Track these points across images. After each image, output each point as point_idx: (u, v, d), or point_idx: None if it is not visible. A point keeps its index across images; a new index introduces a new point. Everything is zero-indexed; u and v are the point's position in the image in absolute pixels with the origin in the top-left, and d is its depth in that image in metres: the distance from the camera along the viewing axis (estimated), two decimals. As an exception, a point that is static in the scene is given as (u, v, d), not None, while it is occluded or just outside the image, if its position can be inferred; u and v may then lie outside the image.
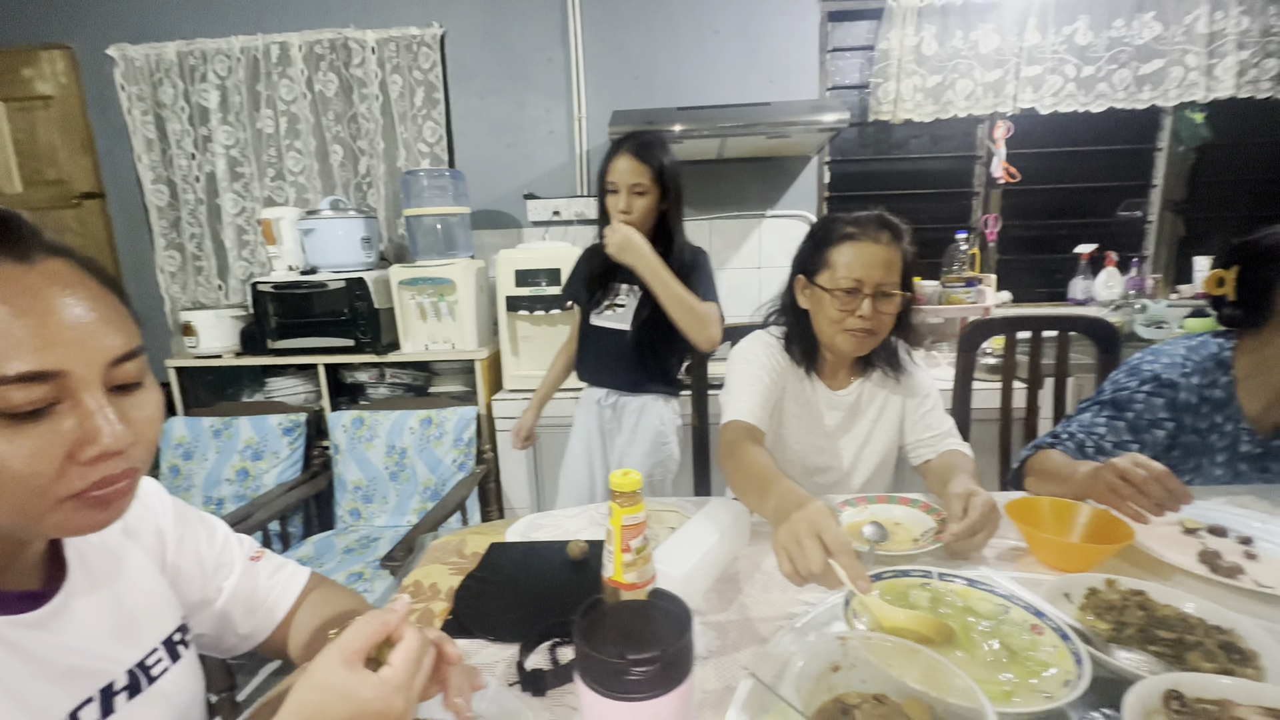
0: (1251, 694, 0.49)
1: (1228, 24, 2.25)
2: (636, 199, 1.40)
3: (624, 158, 1.39)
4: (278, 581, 0.68)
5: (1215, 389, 1.07)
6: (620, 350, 1.54)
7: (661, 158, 1.41)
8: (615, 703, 0.33)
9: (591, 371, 1.63)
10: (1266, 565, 0.80)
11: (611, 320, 1.55)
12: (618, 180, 1.39)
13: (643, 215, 1.42)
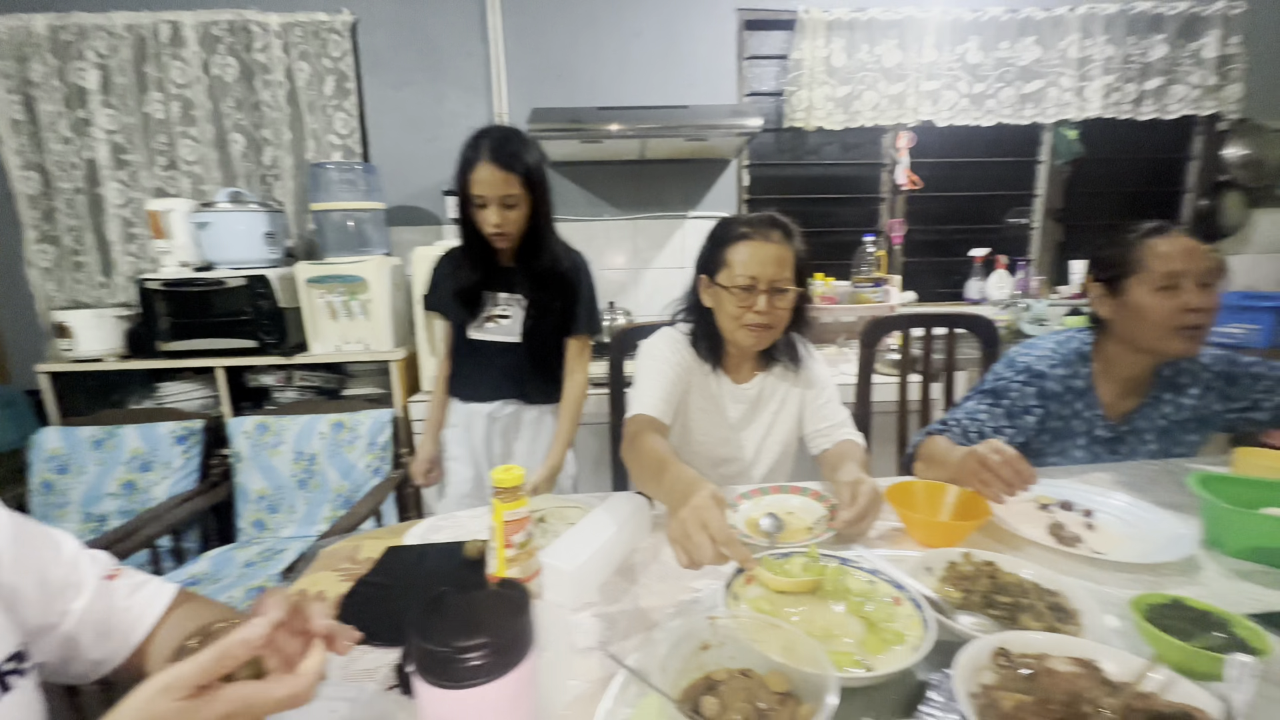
0: (1064, 646, 0.55)
1: (1095, 50, 2.49)
2: (509, 213, 1.29)
3: (486, 167, 1.24)
4: (137, 601, 0.64)
5: (1077, 379, 1.19)
6: (511, 364, 1.45)
7: (527, 159, 1.28)
8: (445, 691, 0.33)
9: (476, 388, 1.50)
10: (1102, 534, 0.90)
11: (496, 333, 1.44)
12: (485, 194, 1.26)
13: (519, 227, 1.33)
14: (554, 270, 1.40)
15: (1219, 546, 0.84)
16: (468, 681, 0.33)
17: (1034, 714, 0.47)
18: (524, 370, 1.46)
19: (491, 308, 1.43)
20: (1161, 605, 0.63)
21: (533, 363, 1.46)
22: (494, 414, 1.50)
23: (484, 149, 1.25)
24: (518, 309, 1.43)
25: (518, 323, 1.43)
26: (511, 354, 1.44)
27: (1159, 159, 2.75)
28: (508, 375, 1.46)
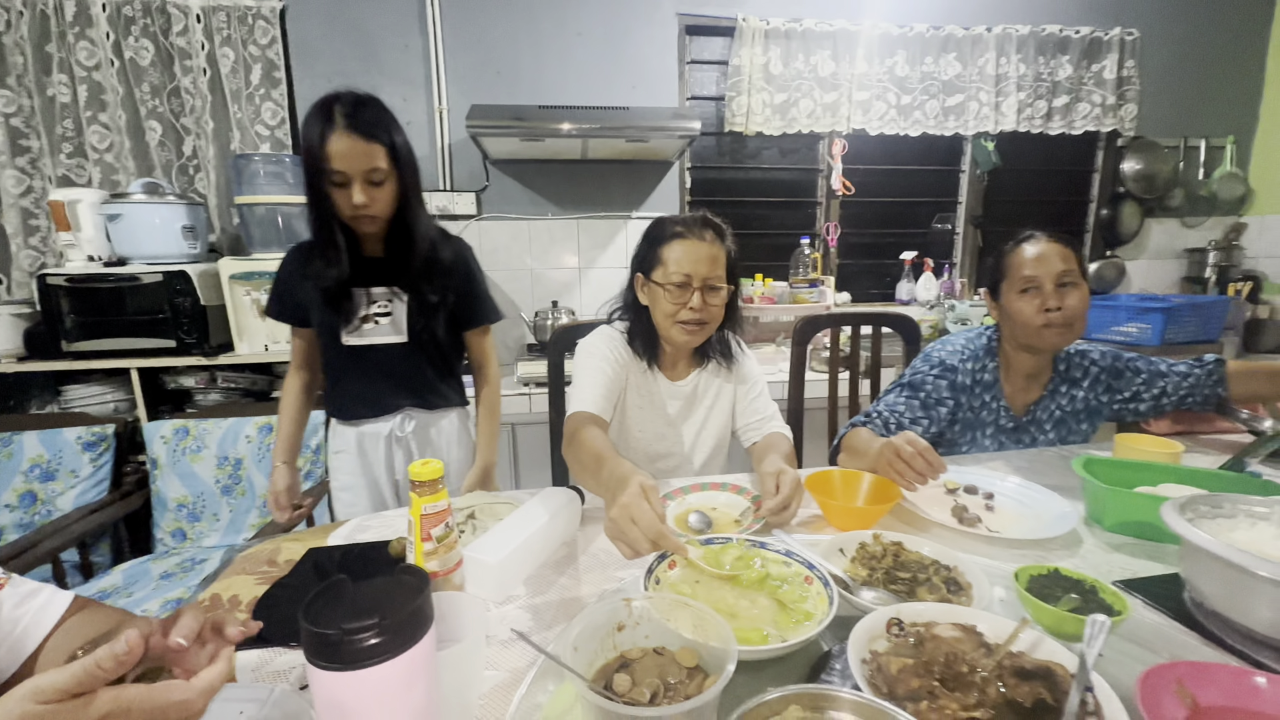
0: (949, 614, 0.60)
1: (1009, 68, 2.67)
2: (375, 190, 1.10)
3: (345, 136, 1.05)
4: (28, 610, 0.60)
5: (985, 373, 1.28)
6: (403, 368, 1.29)
7: (393, 130, 1.12)
8: (335, 674, 0.33)
9: (364, 403, 1.32)
10: (1000, 515, 0.97)
11: (377, 334, 1.26)
12: (347, 168, 1.07)
13: (387, 208, 1.14)
14: (434, 257, 1.24)
15: (1098, 522, 0.92)
16: (357, 663, 0.33)
17: (916, 675, 0.51)
18: (419, 373, 1.32)
19: (366, 306, 1.24)
20: (1041, 575, 0.69)
21: (429, 362, 1.32)
22: (396, 432, 1.33)
23: (339, 115, 1.05)
24: (399, 304, 1.25)
25: (402, 319, 1.26)
26: (400, 356, 1.28)
27: (1067, 171, 2.97)
28: (401, 382, 1.30)
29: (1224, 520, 0.75)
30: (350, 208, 1.10)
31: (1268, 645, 0.63)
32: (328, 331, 1.25)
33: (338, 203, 1.11)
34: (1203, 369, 1.25)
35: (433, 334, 1.29)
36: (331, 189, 1.10)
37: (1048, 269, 1.17)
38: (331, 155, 1.06)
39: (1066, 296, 1.16)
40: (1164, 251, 3.01)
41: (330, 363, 1.31)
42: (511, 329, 2.62)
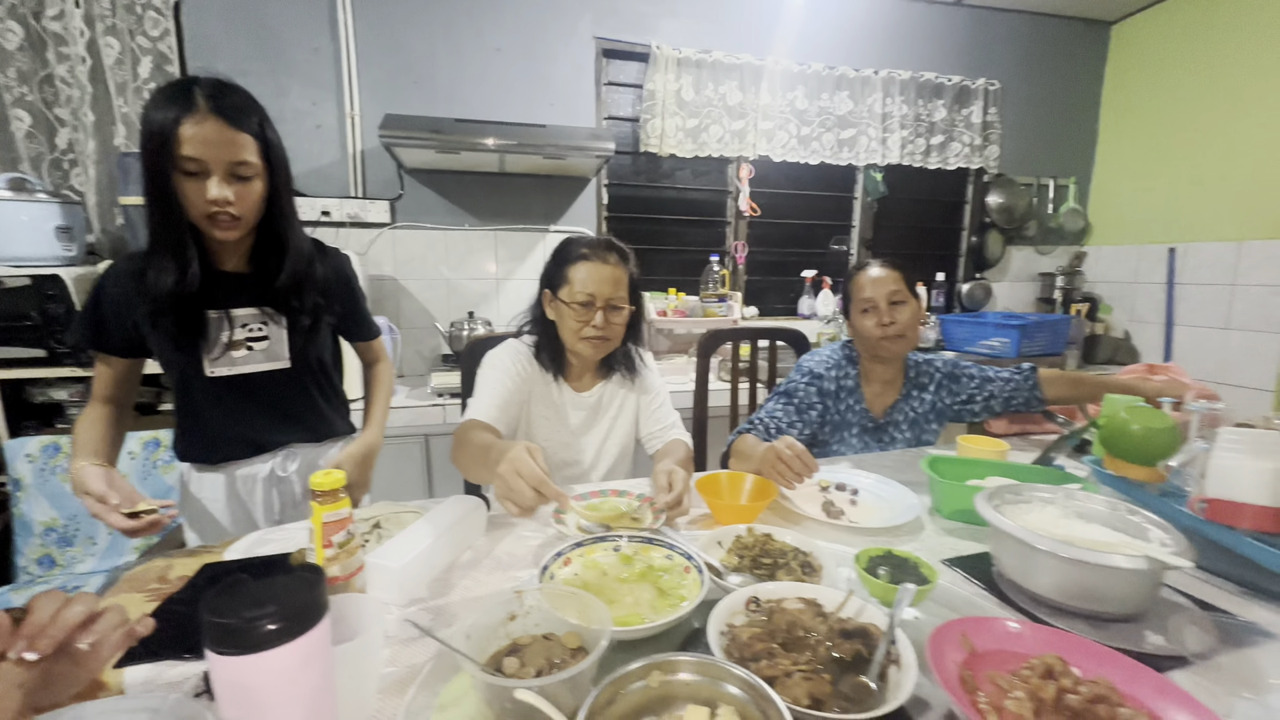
0: (797, 590, 0.71)
1: (894, 108, 2.97)
2: (242, 187, 0.95)
3: (205, 121, 0.89)
4: None
5: (847, 379, 1.44)
6: (285, 395, 1.15)
7: (265, 124, 0.98)
8: (232, 659, 0.37)
9: (237, 443, 1.14)
10: (862, 508, 1.11)
11: (252, 362, 1.09)
12: (206, 157, 0.91)
13: (254, 210, 1.00)
14: (311, 273, 1.11)
15: (939, 511, 1.08)
16: (256, 648, 0.37)
17: (761, 640, 0.61)
18: (306, 401, 1.18)
19: (234, 331, 1.06)
20: (878, 556, 0.81)
21: (317, 388, 1.19)
22: (277, 471, 1.17)
23: (199, 97, 0.90)
24: (275, 327, 1.10)
25: (281, 343, 1.11)
26: (283, 384, 1.13)
27: (943, 201, 3.33)
28: (284, 414, 1.15)
29: (1023, 505, 0.91)
30: (206, 204, 0.93)
31: (1045, 604, 0.79)
32: (183, 363, 1.05)
33: (189, 199, 0.93)
34: (1020, 375, 1.48)
35: (319, 356, 1.17)
36: (184, 182, 0.92)
37: (881, 290, 1.36)
38: (188, 140, 0.89)
39: (897, 313, 1.36)
40: (1022, 275, 3.43)
41: (189, 401, 1.10)
42: (427, 339, 2.59)
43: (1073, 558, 0.73)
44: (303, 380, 1.16)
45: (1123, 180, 3.28)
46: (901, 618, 0.65)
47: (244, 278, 1.08)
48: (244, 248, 1.08)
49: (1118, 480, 1.07)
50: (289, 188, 1.06)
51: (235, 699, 0.39)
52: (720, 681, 0.54)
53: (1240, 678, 0.66)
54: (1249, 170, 2.71)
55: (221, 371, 1.08)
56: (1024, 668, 0.60)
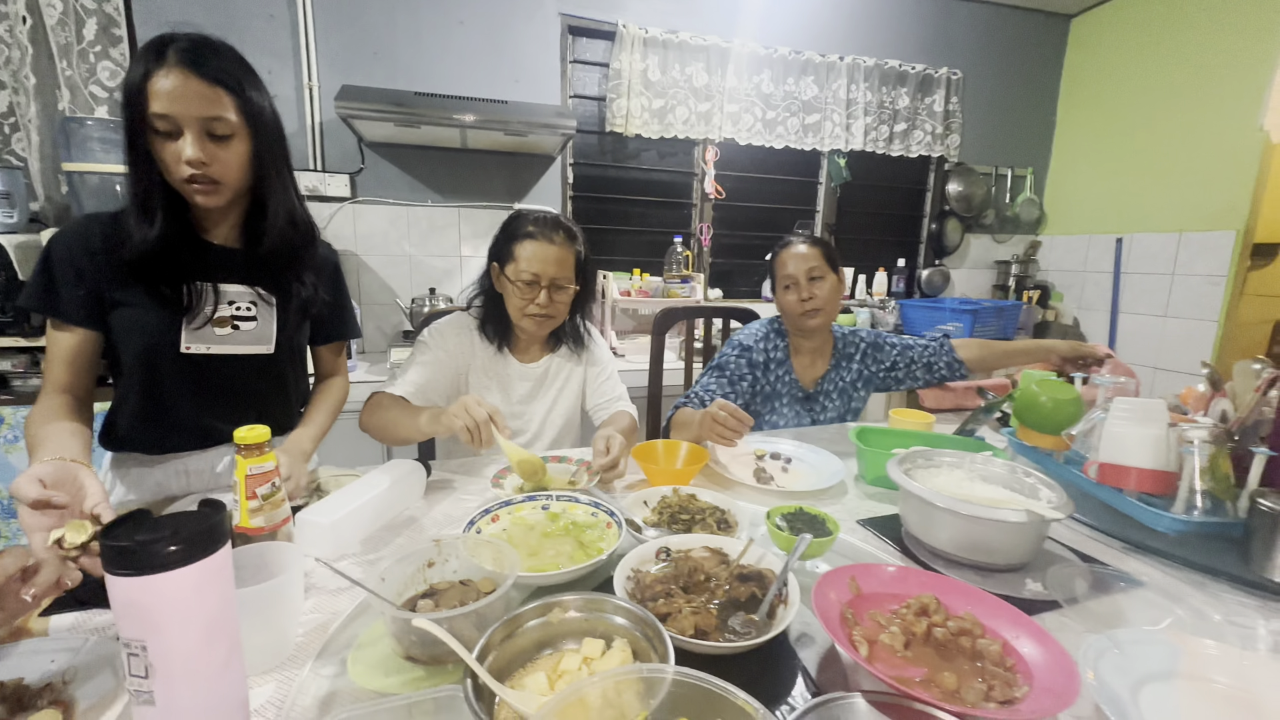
0: (704, 541, 0.75)
1: (858, 95, 3.01)
2: (218, 148, 0.87)
3: (177, 74, 0.82)
4: None
5: (777, 351, 1.50)
6: (258, 383, 1.06)
7: (247, 82, 0.89)
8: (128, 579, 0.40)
9: (191, 433, 1.03)
10: (793, 475, 1.17)
11: (236, 343, 1.01)
12: (175, 112, 0.83)
13: (236, 175, 0.91)
14: (309, 251, 1.05)
15: (864, 478, 1.14)
16: (151, 569, 0.40)
17: (662, 583, 0.65)
18: (280, 393, 1.10)
19: (218, 306, 0.98)
20: (790, 513, 0.86)
21: (294, 380, 1.14)
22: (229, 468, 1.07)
23: (171, 52, 0.83)
24: (266, 308, 1.03)
25: (270, 326, 1.03)
26: (258, 372, 1.05)
27: (905, 189, 3.39)
28: (253, 401, 1.06)
29: (932, 470, 0.97)
30: (179, 165, 0.85)
31: (943, 557, 0.85)
32: (155, 334, 0.95)
33: (166, 162, 0.87)
34: (936, 342, 1.54)
35: (301, 344, 1.11)
36: (158, 143, 0.85)
37: (801, 266, 1.42)
38: (157, 96, 0.82)
39: (816, 288, 1.42)
40: (979, 262, 3.53)
41: (149, 379, 0.97)
42: (389, 315, 2.58)
43: (964, 513, 0.79)
44: (281, 368, 1.08)
45: (1077, 171, 3.39)
46: (798, 565, 0.70)
47: (234, 253, 1.01)
48: (233, 218, 1.00)
49: (1029, 449, 1.14)
50: (283, 154, 0.98)
51: (131, 618, 0.41)
52: (615, 617, 0.58)
53: (1100, 618, 0.72)
54: (1190, 163, 2.83)
55: (197, 348, 0.98)
56: (902, 607, 0.66)
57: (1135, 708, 0.56)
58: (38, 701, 0.54)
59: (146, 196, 0.90)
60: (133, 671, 0.42)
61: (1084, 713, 0.57)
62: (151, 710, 0.43)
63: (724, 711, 0.43)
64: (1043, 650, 0.58)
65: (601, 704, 0.46)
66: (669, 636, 0.54)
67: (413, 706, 0.50)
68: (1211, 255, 2.77)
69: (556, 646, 0.58)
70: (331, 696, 0.57)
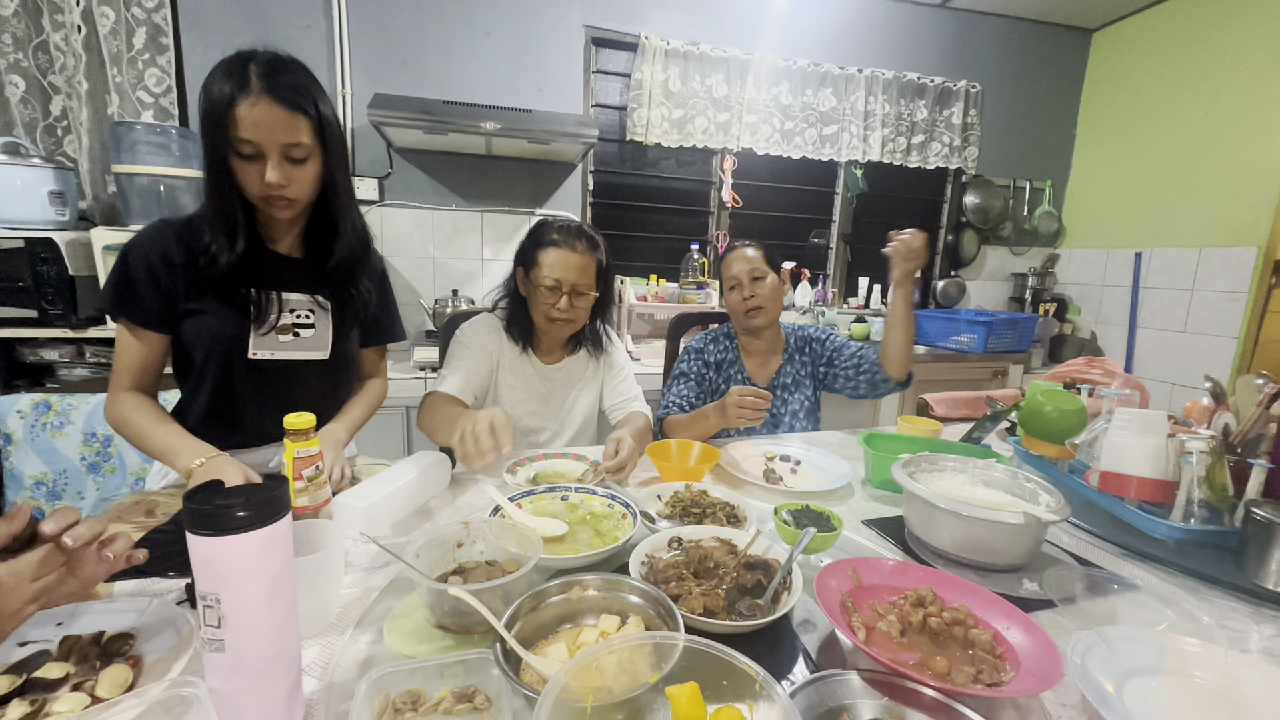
0: (714, 532, 0.80)
1: (876, 107, 3.04)
2: (295, 169, 0.93)
3: (261, 101, 0.87)
4: None
5: (727, 353, 1.57)
6: (315, 390, 1.11)
7: (318, 100, 0.94)
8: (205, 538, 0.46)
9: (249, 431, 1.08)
10: (801, 477, 1.21)
11: (296, 349, 1.06)
12: (261, 140, 0.88)
13: (308, 192, 0.97)
14: (364, 260, 1.11)
15: (870, 481, 1.18)
16: (226, 531, 0.46)
17: (674, 568, 0.70)
18: (332, 396, 1.15)
19: (282, 314, 1.03)
20: (796, 509, 0.90)
21: (345, 385, 1.18)
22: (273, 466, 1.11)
23: (255, 76, 0.87)
24: (322, 314, 1.08)
25: (326, 334, 1.08)
26: (316, 377, 1.10)
27: (921, 200, 3.41)
28: (307, 405, 1.00)
29: (936, 473, 1.01)
30: (261, 187, 0.91)
31: (944, 556, 0.88)
32: (226, 340, 1.01)
33: (245, 181, 0.92)
34: (863, 347, 1.54)
35: (353, 350, 1.16)
36: (238, 163, 0.91)
37: (744, 268, 1.48)
38: (242, 122, 0.87)
39: (757, 287, 1.47)
40: (996, 274, 3.53)
41: (219, 382, 1.03)
42: (412, 315, 2.66)
43: (964, 514, 0.83)
44: (335, 374, 1.13)
45: (1097, 185, 3.38)
46: (804, 559, 0.75)
47: (297, 262, 1.06)
48: (297, 229, 1.05)
49: (1035, 458, 1.17)
50: (344, 167, 1.02)
51: (206, 573, 0.47)
52: (630, 596, 0.63)
53: (1092, 617, 0.75)
54: (1211, 179, 2.82)
55: (263, 354, 1.03)
56: (900, 598, 0.69)
57: (1119, 698, 0.60)
58: (113, 652, 0.60)
59: (228, 212, 0.95)
60: (207, 622, 0.48)
61: (1070, 700, 0.61)
62: (222, 657, 0.48)
63: (729, 676, 0.48)
64: (1031, 640, 0.62)
65: (617, 669, 0.51)
66: (680, 614, 0.58)
67: (444, 668, 0.55)
68: (1232, 272, 2.75)
69: (576, 621, 0.63)
70: (370, 659, 0.62)
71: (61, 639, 0.61)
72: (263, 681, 0.50)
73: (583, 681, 0.48)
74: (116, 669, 0.57)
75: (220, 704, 0.48)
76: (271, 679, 0.51)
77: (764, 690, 0.45)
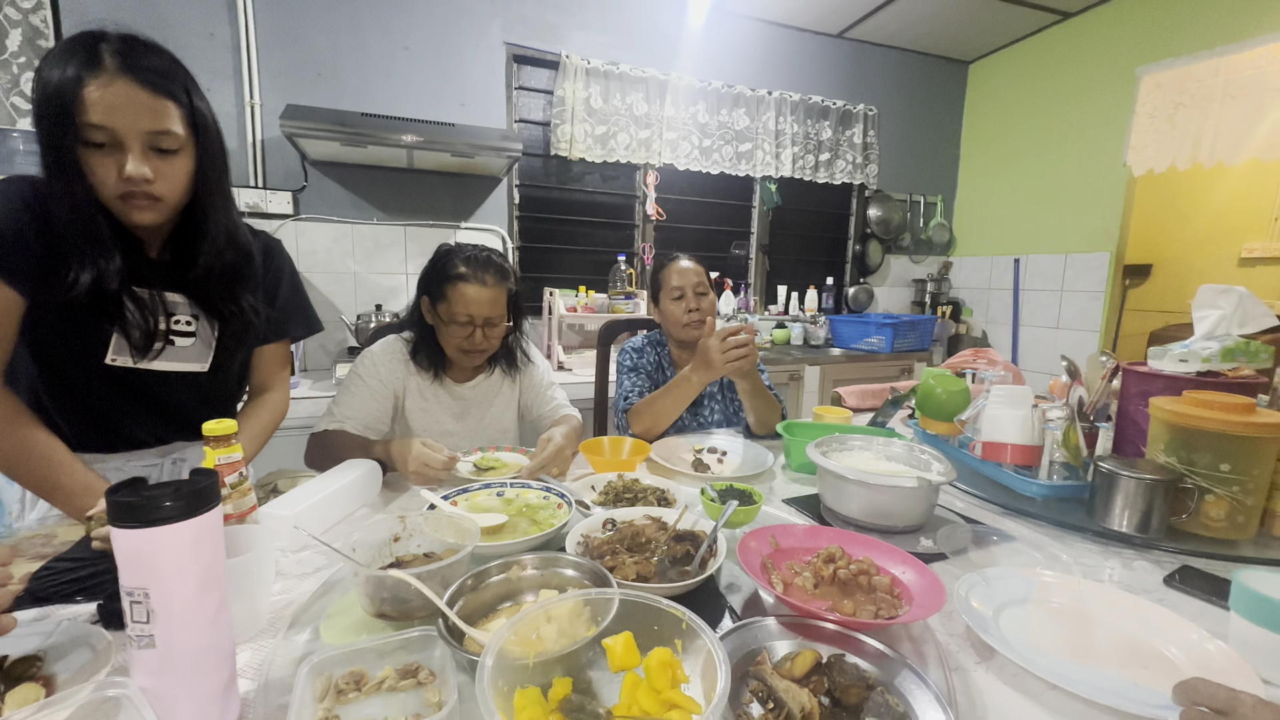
0: (644, 512, 0.84)
1: (786, 126, 3.26)
2: (163, 163, 0.81)
3: (119, 83, 0.76)
4: None
5: (660, 358, 1.64)
6: (186, 399, 0.99)
7: (192, 89, 0.84)
8: (136, 531, 0.45)
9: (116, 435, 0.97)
10: (727, 466, 1.28)
11: (169, 359, 0.94)
12: (118, 126, 0.76)
13: (179, 191, 0.85)
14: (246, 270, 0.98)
15: (790, 465, 1.27)
16: (154, 522, 0.45)
17: (608, 544, 0.74)
18: (203, 404, 1.01)
19: (157, 319, 0.90)
20: (722, 488, 0.97)
21: (228, 393, 1.08)
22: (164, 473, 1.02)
23: (105, 54, 0.75)
24: (205, 325, 0.97)
25: (207, 343, 0.97)
26: (188, 387, 0.98)
27: (831, 213, 3.67)
28: (177, 414, 0.99)
29: (845, 452, 1.11)
30: (119, 182, 0.78)
31: (854, 524, 0.97)
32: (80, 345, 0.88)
33: (98, 176, 0.78)
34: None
35: (232, 362, 1.03)
36: (88, 155, 0.77)
37: (689, 280, 1.56)
38: (93, 106, 0.74)
39: (701, 301, 1.56)
40: (899, 280, 3.84)
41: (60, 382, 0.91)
42: (332, 333, 2.56)
43: (870, 483, 0.92)
44: (215, 384, 1.02)
45: (980, 198, 3.76)
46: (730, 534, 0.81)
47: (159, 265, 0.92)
48: (162, 234, 0.92)
49: (931, 437, 1.30)
50: (222, 168, 0.90)
51: (134, 568, 0.46)
52: (567, 570, 0.67)
53: (978, 564, 0.86)
54: (1071, 192, 3.21)
55: (124, 361, 0.90)
56: (814, 556, 0.77)
57: (995, 625, 0.69)
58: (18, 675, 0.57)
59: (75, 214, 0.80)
60: (135, 619, 0.47)
61: (957, 630, 0.70)
62: (152, 653, 0.48)
63: (658, 621, 0.52)
64: (921, 580, 0.71)
65: (556, 633, 0.54)
66: (615, 581, 0.63)
67: (384, 650, 0.56)
68: (1091, 274, 3.14)
69: (515, 599, 0.66)
70: (307, 657, 0.62)
71: (-40, 665, 0.57)
72: (196, 677, 0.50)
73: (524, 644, 0.51)
74: (26, 688, 0.54)
75: (152, 702, 0.48)
76: (204, 674, 0.50)
77: (689, 628, 0.50)
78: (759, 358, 1.43)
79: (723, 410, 1.65)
